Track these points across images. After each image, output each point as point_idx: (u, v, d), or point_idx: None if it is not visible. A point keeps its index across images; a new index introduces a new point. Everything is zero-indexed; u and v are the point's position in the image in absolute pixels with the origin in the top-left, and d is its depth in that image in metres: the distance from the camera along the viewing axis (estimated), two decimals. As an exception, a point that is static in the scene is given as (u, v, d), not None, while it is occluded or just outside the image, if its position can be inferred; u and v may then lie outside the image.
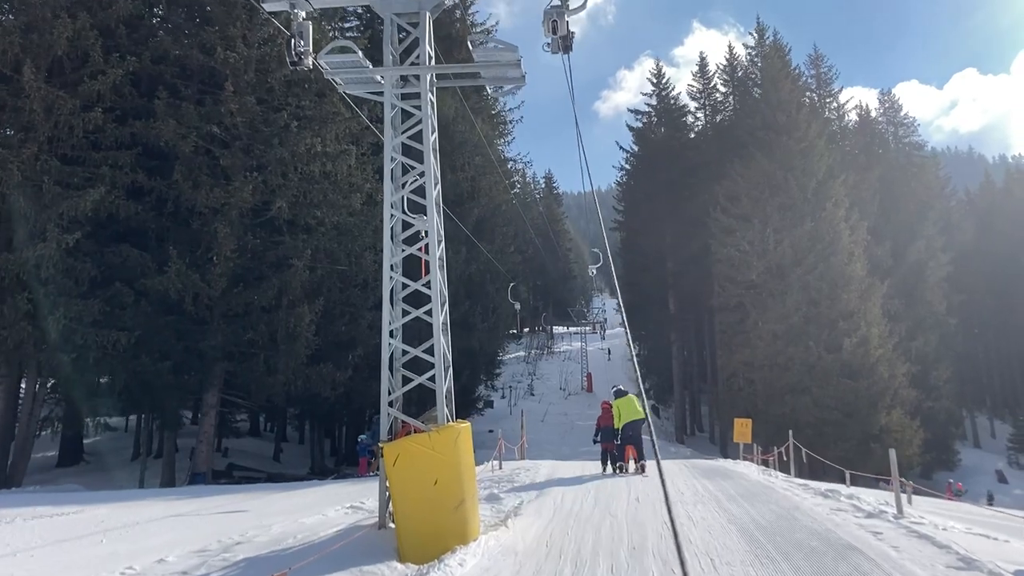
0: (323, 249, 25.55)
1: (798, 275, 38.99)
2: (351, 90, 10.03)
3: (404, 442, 8.26)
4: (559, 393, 63.87)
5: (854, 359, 37.54)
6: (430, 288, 9.40)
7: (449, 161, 34.96)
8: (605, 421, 17.66)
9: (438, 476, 7.99)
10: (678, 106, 57.36)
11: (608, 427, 17.48)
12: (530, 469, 15.99)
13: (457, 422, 8.94)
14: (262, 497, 16.67)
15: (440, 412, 8.74)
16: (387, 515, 8.72)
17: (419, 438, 8.24)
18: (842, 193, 41.39)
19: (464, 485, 8.25)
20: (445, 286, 9.69)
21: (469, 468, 8.58)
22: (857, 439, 36.87)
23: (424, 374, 9.16)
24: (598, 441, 17.79)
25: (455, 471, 8.16)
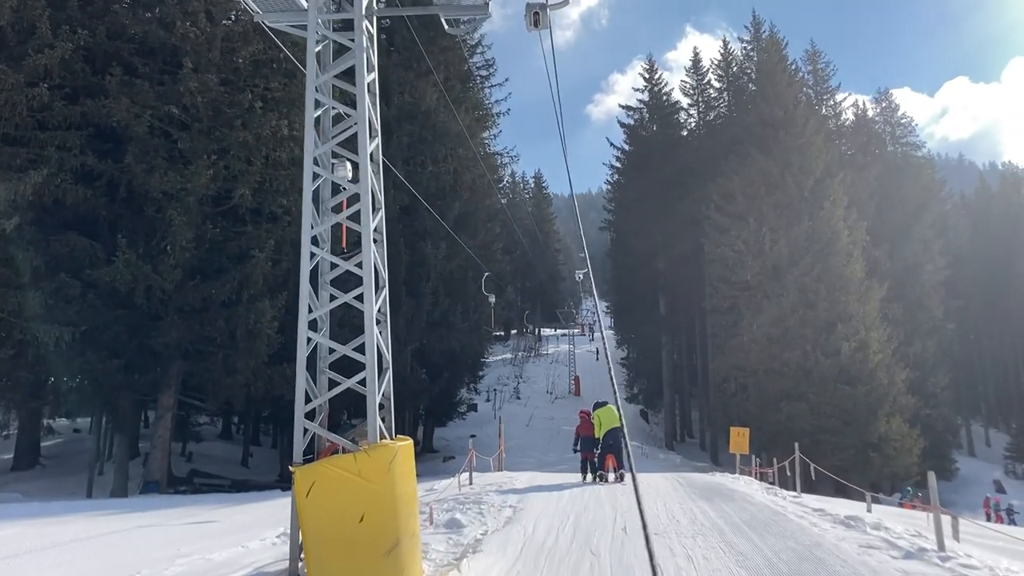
0: (289, 240, 23.71)
1: (794, 276, 37.35)
2: (272, 20, 8.13)
3: (321, 466, 6.47)
4: (546, 397, 62.13)
5: (852, 364, 35.92)
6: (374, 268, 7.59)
7: (430, 151, 33.25)
8: (584, 430, 18.28)
9: (365, 511, 6.19)
10: (670, 103, 55.67)
11: (587, 436, 18.08)
12: (505, 484, 14.24)
13: (397, 439, 7.15)
14: (203, 512, 14.90)
15: (372, 426, 6.93)
16: (299, 560, 6.90)
17: (342, 460, 6.45)
18: (840, 192, 39.75)
19: (400, 522, 6.41)
20: (384, 266, 7.92)
21: (408, 499, 6.74)
22: (855, 448, 35.28)
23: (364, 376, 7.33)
24: (577, 450, 18.39)
25: (388, 504, 6.34)
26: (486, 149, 41.81)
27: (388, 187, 30.51)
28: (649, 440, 51.39)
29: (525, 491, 13.14)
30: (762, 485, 14.37)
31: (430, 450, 41.87)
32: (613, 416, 16.58)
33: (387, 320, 7.86)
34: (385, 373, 7.49)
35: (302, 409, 6.98)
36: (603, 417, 16.96)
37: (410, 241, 31.72)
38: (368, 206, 7.46)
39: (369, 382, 6.97)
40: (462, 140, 33.89)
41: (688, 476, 16.62)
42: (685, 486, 13.97)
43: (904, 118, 59.58)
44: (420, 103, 33.12)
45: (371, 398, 6.92)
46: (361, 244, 7.37)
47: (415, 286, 31.52)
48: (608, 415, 16.78)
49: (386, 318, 7.86)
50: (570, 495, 12.27)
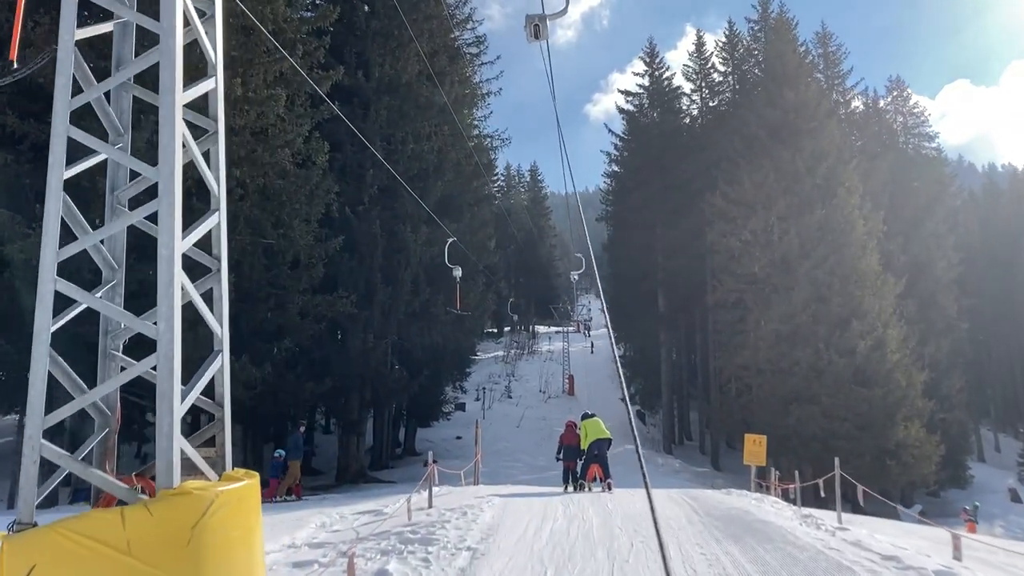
0: (243, 217, 20.87)
1: (806, 268, 34.58)
2: None
3: (52, 534, 3.60)
4: (538, 396, 59.24)
5: (868, 364, 33.17)
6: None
7: (412, 128, 30.40)
8: (568, 439, 18.77)
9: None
10: (672, 88, 52.83)
11: (570, 445, 18.60)
12: (473, 508, 11.42)
13: (231, 474, 4.30)
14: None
15: (163, 456, 4.08)
16: None
17: (96, 522, 3.60)
18: (855, 178, 37.04)
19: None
20: (219, 167, 5.14)
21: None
22: (871, 455, 32.53)
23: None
24: (560, 459, 18.98)
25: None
26: (475, 130, 39.00)
27: (366, 166, 27.48)
28: (646, 443, 48.57)
29: (495, 522, 10.32)
30: (796, 512, 11.57)
31: (412, 453, 39.05)
32: (600, 428, 16.87)
33: (222, 266, 5.06)
34: (215, 358, 4.70)
35: (38, 420, 4.14)
36: (589, 428, 17.20)
37: (388, 225, 28.89)
38: (171, 68, 4.64)
39: (162, 370, 4.16)
40: (447, 117, 31.06)
41: (699, 496, 13.80)
42: (701, 514, 11.13)
43: (916, 108, 56.96)
44: (401, 75, 30.27)
45: (164, 400, 4.09)
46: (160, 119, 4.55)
47: (392, 273, 28.68)
48: (594, 427, 17.03)
49: (221, 263, 5.05)
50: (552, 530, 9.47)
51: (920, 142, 56.46)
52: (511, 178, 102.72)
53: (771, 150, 36.67)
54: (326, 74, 23.16)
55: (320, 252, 22.89)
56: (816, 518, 10.90)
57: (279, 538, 11.58)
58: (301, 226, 21.37)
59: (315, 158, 22.66)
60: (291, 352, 22.54)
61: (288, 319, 21.91)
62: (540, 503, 12.34)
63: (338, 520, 13.30)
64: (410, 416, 38.37)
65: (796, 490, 16.15)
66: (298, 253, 21.99)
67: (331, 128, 28.29)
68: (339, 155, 28.91)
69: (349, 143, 28.78)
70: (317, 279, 23.48)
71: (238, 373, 19.58)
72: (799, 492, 16.43)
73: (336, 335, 27.90)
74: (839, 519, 11.46)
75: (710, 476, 40.70)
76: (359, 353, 27.80)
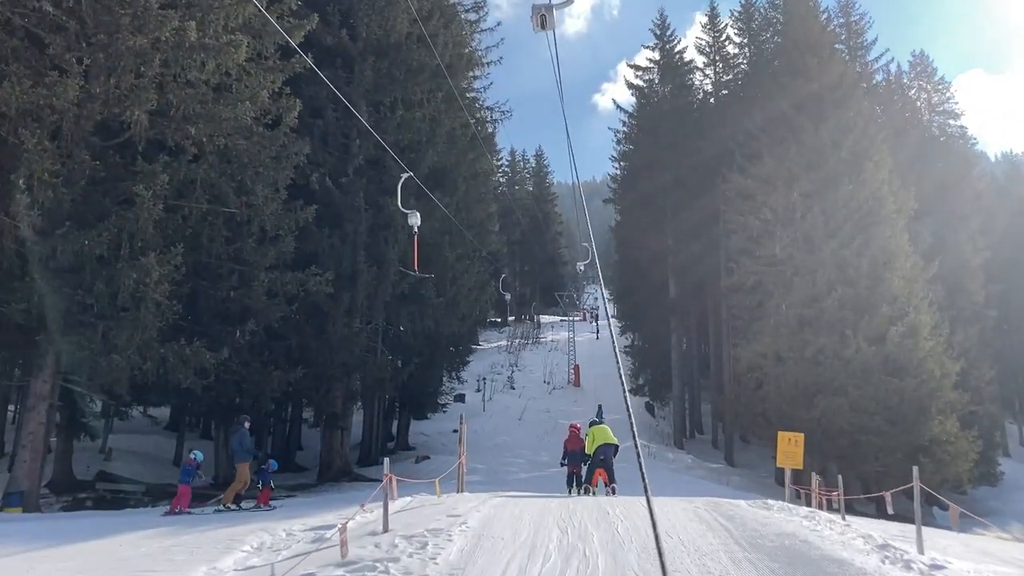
0: (200, 181, 18.24)
1: (832, 249, 31.74)
2: None
3: None
4: (542, 387, 56.67)
5: (900, 353, 30.36)
6: None
7: (401, 93, 27.73)
8: (572, 445, 19.15)
9: None
10: (684, 62, 49.86)
11: (574, 450, 18.93)
12: (441, 532, 8.80)
13: None
14: None
15: None
16: None
17: None
18: (885, 152, 34.18)
19: None
20: None
21: None
22: (903, 451, 29.73)
23: None
24: (565, 464, 19.31)
25: None
26: (474, 101, 36.27)
27: (352, 135, 24.72)
28: (656, 437, 45.93)
29: (464, 558, 7.65)
30: (867, 539, 8.90)
31: (406, 447, 36.49)
32: (607, 434, 16.90)
33: None
34: None
35: None
36: (596, 434, 17.16)
37: (372, 198, 26.22)
38: None
39: None
40: (441, 82, 28.35)
41: (735, 514, 11.08)
42: (745, 545, 8.43)
43: (941, 83, 53.88)
44: (390, 34, 27.57)
45: None
46: None
47: (378, 251, 26.04)
48: (602, 433, 17.04)
49: None
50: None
51: (945, 120, 53.46)
52: (515, 164, 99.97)
53: (793, 122, 33.82)
54: (299, 22, 20.43)
55: (290, 223, 20.21)
56: (897, 549, 8.22)
57: (196, 566, 9.01)
58: (266, 192, 18.69)
59: (284, 116, 19.97)
60: (258, 337, 19.92)
61: (253, 298, 19.27)
62: (530, 525, 9.68)
63: (283, 539, 10.73)
64: (403, 408, 35.77)
65: (840, 500, 13.48)
66: (264, 223, 19.31)
67: (312, 92, 25.76)
68: (320, 121, 26.34)
69: (332, 108, 26.17)
70: (288, 254, 20.87)
71: (189, 358, 17.00)
72: (842, 500, 13.76)
73: (315, 319, 25.29)
74: (919, 546, 8.76)
75: (725, 473, 38.07)
76: (341, 339, 25.20)
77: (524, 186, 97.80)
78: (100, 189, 17.54)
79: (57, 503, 21.78)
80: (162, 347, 16.64)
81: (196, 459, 16.49)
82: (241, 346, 19.07)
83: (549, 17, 7.98)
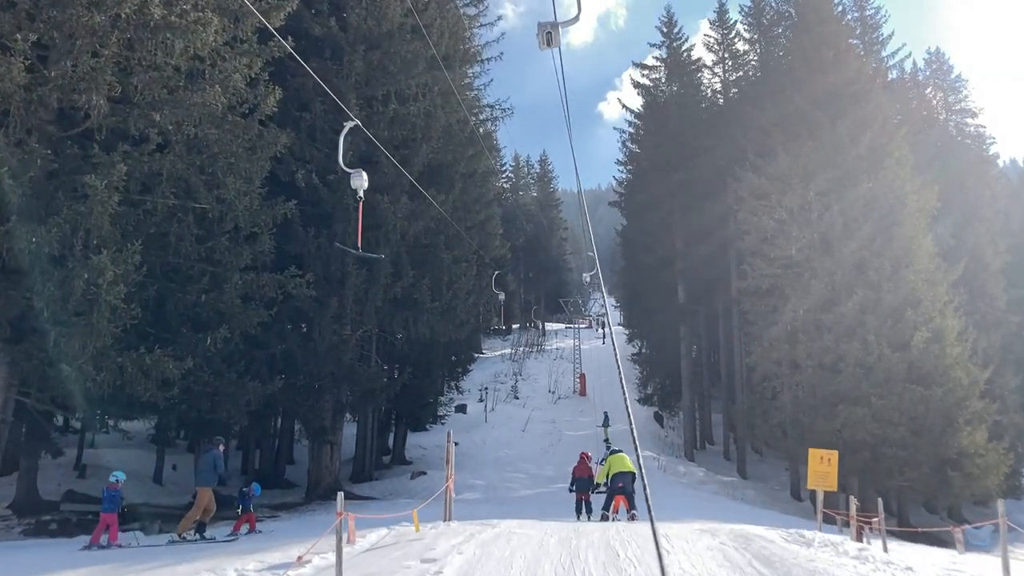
0: (167, 174, 16.60)
1: (851, 250, 30.00)
2: None
3: None
4: (547, 396, 54.95)
5: (926, 359, 28.55)
6: None
7: (394, 85, 26.11)
8: (580, 472, 18.92)
9: None
10: (692, 61, 48.21)
11: (583, 477, 18.80)
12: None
13: None
14: None
15: None
16: None
17: None
18: (906, 148, 32.44)
19: None
20: None
21: None
22: (930, 465, 27.97)
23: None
24: (573, 491, 19.01)
25: None
26: (472, 93, 34.63)
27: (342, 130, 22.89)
28: (665, 448, 44.13)
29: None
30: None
31: (402, 461, 34.73)
32: (625, 463, 16.68)
33: None
34: None
35: None
36: (614, 463, 16.92)
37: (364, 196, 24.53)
38: None
39: None
40: (437, 76, 26.73)
41: (770, 554, 9.26)
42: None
43: (958, 82, 52.05)
44: (382, 23, 25.97)
45: None
46: None
47: (369, 253, 24.34)
48: (619, 461, 16.86)
49: None
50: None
51: (962, 119, 51.64)
52: (519, 169, 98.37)
53: (808, 118, 32.11)
54: (278, 2, 18.85)
55: (266, 219, 18.54)
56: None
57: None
58: (239, 185, 17.03)
59: (260, 104, 18.35)
60: (233, 344, 18.22)
61: (226, 301, 17.58)
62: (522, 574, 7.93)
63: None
64: (399, 420, 34.03)
65: (880, 525, 11.72)
66: (238, 220, 17.64)
67: (298, 84, 24.24)
68: (307, 115, 24.74)
69: (320, 101, 24.57)
70: (267, 254, 19.19)
71: (150, 368, 15.32)
72: (882, 524, 11.99)
73: (301, 326, 23.64)
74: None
75: (738, 486, 36.26)
76: (329, 347, 23.51)
77: (528, 191, 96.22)
78: (55, 183, 15.91)
79: (19, 525, 20.16)
80: (119, 356, 14.97)
81: (119, 481, 14.33)
82: (213, 355, 17.39)
83: (555, 35, 7.96)
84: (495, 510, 21.63)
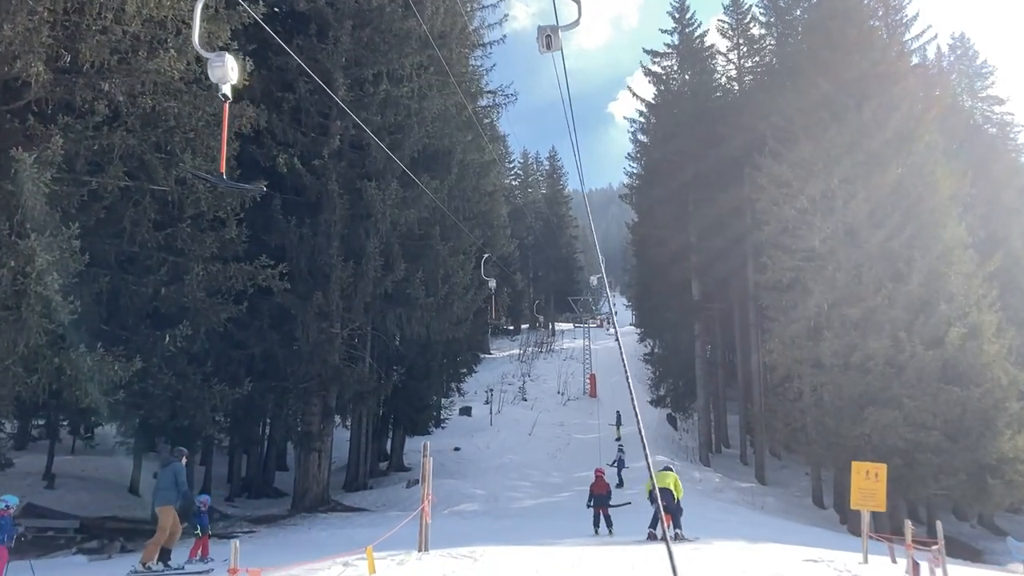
0: (119, 150, 14.73)
1: (879, 240, 27.94)
2: None
3: None
4: (556, 398, 52.96)
5: (962, 357, 26.46)
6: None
7: (385, 64, 24.21)
8: (598, 489, 18.89)
9: None
10: (705, 47, 46.15)
11: (601, 494, 18.75)
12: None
13: None
14: None
15: None
16: None
17: None
18: (935, 132, 30.33)
19: None
20: None
21: None
22: (968, 472, 25.84)
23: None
24: (591, 507, 18.77)
25: None
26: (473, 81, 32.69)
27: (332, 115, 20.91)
28: (679, 452, 42.09)
29: None
30: None
31: (400, 467, 32.79)
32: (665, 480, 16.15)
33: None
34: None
35: None
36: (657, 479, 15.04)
37: (348, 180, 22.67)
38: None
39: None
40: (433, 57, 24.79)
41: None
42: None
43: (984, 67, 49.78)
44: (369, -1, 24.10)
45: None
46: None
47: (356, 244, 22.46)
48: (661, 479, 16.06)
49: None
50: None
51: (988, 106, 49.34)
52: (528, 166, 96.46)
53: (832, 101, 30.02)
54: (247, -35, 16.95)
55: (233, 203, 16.62)
56: None
57: None
58: (197, 163, 15.13)
59: (233, 79, 16.45)
60: (198, 343, 16.35)
61: (188, 295, 15.70)
62: None
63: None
64: (397, 424, 32.12)
65: (941, 556, 9.75)
66: (200, 204, 15.75)
67: (281, 63, 22.38)
68: (290, 95, 22.87)
69: (305, 82, 22.69)
70: (240, 243, 17.32)
71: (92, 370, 13.44)
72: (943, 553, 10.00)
73: (283, 324, 21.76)
74: None
75: (757, 493, 34.18)
76: (315, 347, 21.63)
77: (538, 189, 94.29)
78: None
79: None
80: (56, 356, 13.12)
81: (9, 506, 12.03)
82: (173, 354, 15.54)
83: (555, 38, 7.81)
84: (492, 526, 19.76)
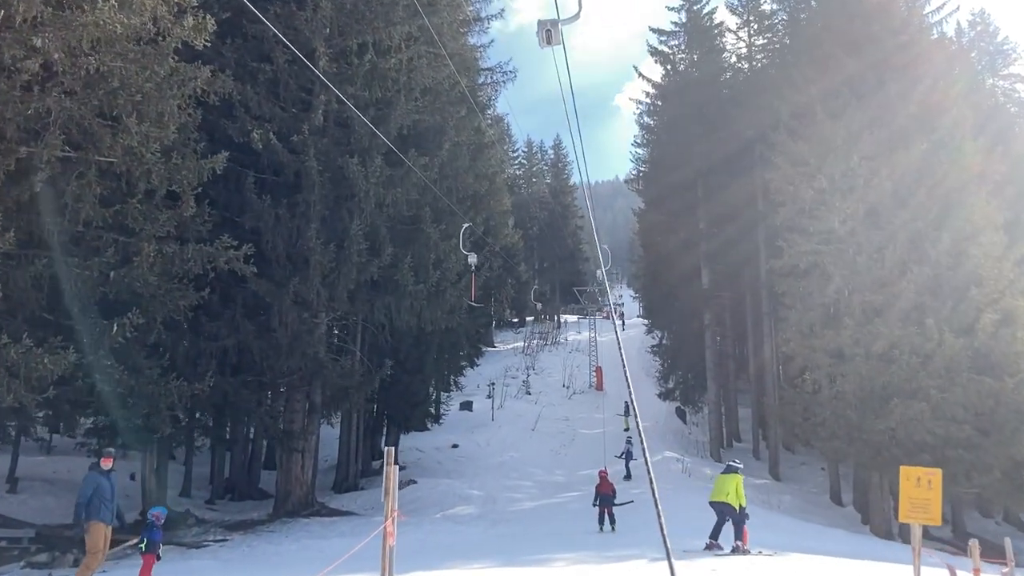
0: (55, 116, 12.99)
1: (903, 221, 26.06)
2: None
3: None
4: (561, 392, 51.24)
5: (995, 345, 24.60)
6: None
7: (371, 33, 22.42)
8: (604, 489, 19.14)
9: None
10: (714, 24, 44.23)
11: (607, 494, 19.00)
12: None
13: None
14: None
15: None
16: None
17: None
18: (964, 106, 28.43)
19: None
20: None
21: None
22: (1002, 468, 24.02)
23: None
24: (596, 505, 18.95)
25: None
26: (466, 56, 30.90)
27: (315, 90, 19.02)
28: (689, 447, 40.35)
29: None
30: None
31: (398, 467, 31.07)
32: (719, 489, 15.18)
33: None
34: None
35: None
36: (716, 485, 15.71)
37: (331, 158, 20.89)
38: None
39: None
40: (423, 28, 23.02)
41: None
42: None
43: (1006, 44, 47.76)
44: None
45: None
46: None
47: (338, 227, 20.69)
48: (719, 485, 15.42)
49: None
50: None
51: (1011, 84, 47.36)
52: (532, 155, 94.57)
53: (851, 70, 28.15)
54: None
55: (189, 177, 14.85)
56: None
57: None
58: (145, 129, 13.37)
59: (192, 41, 14.68)
60: (153, 334, 14.65)
61: (139, 279, 13.95)
62: None
63: None
64: (391, 421, 30.41)
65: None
66: (151, 176, 13.98)
67: (256, 31, 20.70)
68: (267, 67, 21.12)
69: (283, 52, 20.94)
70: (202, 223, 15.60)
71: (16, 364, 11.73)
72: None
73: (259, 314, 20.06)
74: None
75: (773, 491, 32.36)
76: (294, 338, 19.91)
77: (543, 179, 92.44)
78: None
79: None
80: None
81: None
82: (122, 346, 13.85)
83: (555, 33, 7.80)
84: (486, 533, 18.02)
